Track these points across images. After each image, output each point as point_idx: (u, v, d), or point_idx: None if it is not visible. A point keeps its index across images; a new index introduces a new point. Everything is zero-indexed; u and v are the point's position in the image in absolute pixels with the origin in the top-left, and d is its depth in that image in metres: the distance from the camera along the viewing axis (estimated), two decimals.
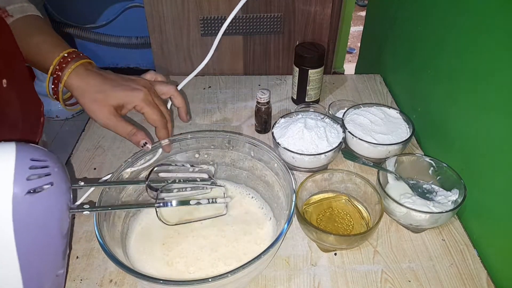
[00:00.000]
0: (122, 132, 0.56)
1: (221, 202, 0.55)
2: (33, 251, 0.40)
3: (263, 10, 1.29)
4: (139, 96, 0.55)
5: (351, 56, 2.62)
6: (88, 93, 0.54)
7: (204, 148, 0.63)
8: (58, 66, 0.54)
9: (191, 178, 0.56)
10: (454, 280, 0.56)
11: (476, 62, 0.62)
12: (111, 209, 0.51)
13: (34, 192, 0.38)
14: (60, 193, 0.41)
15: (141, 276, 0.43)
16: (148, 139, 0.57)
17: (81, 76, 0.54)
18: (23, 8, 0.57)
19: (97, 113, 0.55)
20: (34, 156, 0.39)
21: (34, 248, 0.40)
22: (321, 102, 0.92)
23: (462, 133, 0.66)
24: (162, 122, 0.57)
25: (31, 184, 0.38)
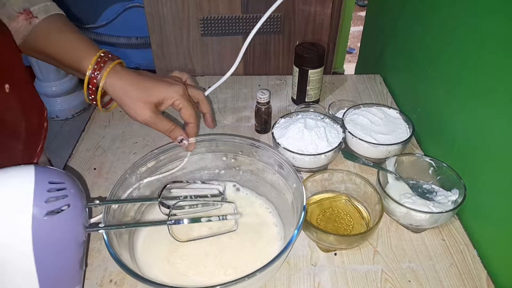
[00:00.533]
0: (162, 129, 0.57)
1: (231, 219, 0.55)
2: (51, 269, 0.41)
3: (263, 10, 1.29)
4: (179, 91, 0.55)
5: (351, 56, 2.62)
6: (129, 92, 0.54)
7: (231, 153, 0.63)
8: (96, 66, 0.53)
9: (202, 194, 0.57)
10: (454, 280, 0.56)
11: (476, 62, 0.62)
12: (125, 227, 0.53)
13: (52, 214, 0.39)
14: (76, 213, 0.42)
15: (142, 279, 0.43)
16: (185, 136, 0.57)
17: (120, 75, 0.54)
18: (47, 8, 0.56)
19: (138, 112, 0.54)
20: (52, 179, 0.41)
21: (52, 266, 0.42)
22: (321, 102, 0.92)
23: (462, 133, 0.66)
24: (197, 119, 0.58)
25: (50, 206, 0.39)
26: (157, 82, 0.55)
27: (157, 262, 0.54)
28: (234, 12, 1.29)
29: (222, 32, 1.33)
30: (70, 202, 0.41)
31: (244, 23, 1.31)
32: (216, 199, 0.58)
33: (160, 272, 0.53)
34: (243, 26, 1.32)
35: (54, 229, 0.40)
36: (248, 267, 0.53)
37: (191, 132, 0.59)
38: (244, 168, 0.64)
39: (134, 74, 0.55)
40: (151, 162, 0.59)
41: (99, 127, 0.84)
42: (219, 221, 0.54)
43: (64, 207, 0.41)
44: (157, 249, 0.56)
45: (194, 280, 0.52)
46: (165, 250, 0.55)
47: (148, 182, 0.60)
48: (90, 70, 0.52)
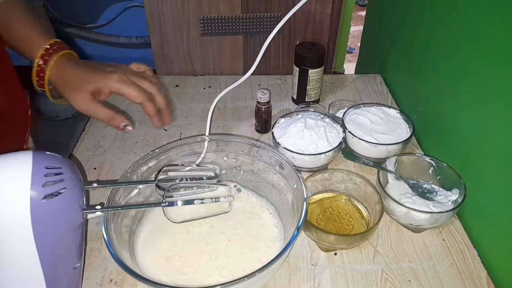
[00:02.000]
0: (102, 117, 0.56)
1: (224, 201, 0.56)
2: (51, 250, 0.44)
3: (263, 10, 1.29)
4: (113, 78, 0.55)
5: (351, 56, 2.62)
6: (66, 82, 0.55)
7: (232, 153, 0.63)
8: (41, 60, 0.54)
9: (197, 176, 0.58)
10: (454, 280, 0.56)
11: (476, 62, 0.62)
12: (121, 209, 0.53)
13: (50, 197, 0.41)
14: (73, 196, 0.44)
15: (142, 278, 0.43)
16: (128, 122, 0.56)
17: (61, 67, 0.55)
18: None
19: (76, 100, 0.54)
20: (49, 164, 0.43)
21: (53, 247, 0.44)
22: (321, 102, 0.92)
23: (462, 133, 0.66)
24: (144, 97, 0.56)
25: (47, 190, 0.41)
26: (94, 72, 0.55)
27: (157, 261, 0.54)
28: (234, 12, 1.29)
29: (222, 32, 1.33)
30: (67, 186, 0.43)
31: (244, 23, 1.31)
32: (211, 181, 0.58)
33: (160, 272, 0.53)
34: (243, 26, 1.32)
35: (52, 211, 0.42)
36: (247, 268, 0.53)
37: (148, 110, 0.56)
38: (245, 168, 0.64)
39: (75, 65, 0.56)
40: (151, 162, 0.59)
41: (99, 127, 0.84)
42: (214, 205, 0.55)
43: (62, 190, 0.42)
44: (157, 249, 0.56)
45: (194, 279, 0.52)
46: (165, 250, 0.56)
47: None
48: (37, 61, 0.54)
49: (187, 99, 0.93)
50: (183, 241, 0.57)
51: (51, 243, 0.43)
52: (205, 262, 0.54)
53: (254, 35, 1.35)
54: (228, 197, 0.57)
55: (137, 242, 0.56)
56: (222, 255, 0.55)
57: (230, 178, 0.66)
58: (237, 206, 0.62)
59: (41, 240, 0.42)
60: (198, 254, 0.55)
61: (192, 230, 0.58)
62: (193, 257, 0.55)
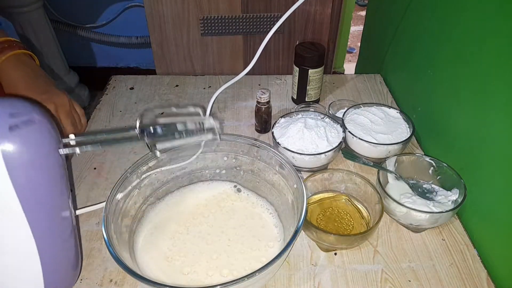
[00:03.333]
0: None
1: (208, 127, 0.52)
2: (30, 189, 0.41)
3: (263, 10, 1.29)
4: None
5: (351, 56, 2.62)
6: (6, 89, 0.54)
7: (232, 152, 0.63)
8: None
9: (184, 112, 0.54)
10: (454, 280, 0.56)
11: (476, 62, 0.62)
12: (101, 146, 0.49)
13: (17, 128, 0.38)
14: (44, 130, 0.41)
15: (142, 278, 0.43)
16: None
17: (11, 68, 0.54)
18: None
19: None
20: (14, 109, 0.40)
21: (31, 186, 0.41)
22: (321, 101, 0.92)
23: (462, 133, 0.66)
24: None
25: (12, 122, 0.38)
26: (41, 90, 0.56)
27: (157, 261, 0.54)
28: (234, 12, 1.29)
29: (222, 32, 1.33)
30: (36, 121, 0.40)
31: (244, 23, 1.31)
32: (196, 117, 0.54)
33: (160, 272, 0.53)
34: (243, 26, 1.32)
35: (21, 144, 0.39)
36: (248, 267, 0.53)
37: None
38: (245, 168, 0.64)
39: (22, 75, 0.54)
40: (151, 162, 0.59)
41: (99, 126, 0.84)
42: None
43: (30, 123, 0.40)
44: (157, 249, 0.56)
45: (194, 279, 0.52)
46: (164, 250, 0.56)
47: (149, 181, 0.60)
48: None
49: (187, 99, 0.93)
50: (183, 241, 0.57)
51: (29, 183, 0.40)
52: (205, 261, 0.54)
53: (254, 35, 1.35)
54: (214, 125, 0.53)
55: (137, 242, 0.56)
56: (222, 255, 0.55)
57: (230, 178, 0.66)
58: (237, 206, 0.62)
59: (18, 180, 0.39)
60: (198, 254, 0.55)
61: (192, 230, 0.58)
62: (193, 257, 0.55)
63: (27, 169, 0.40)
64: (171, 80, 1.00)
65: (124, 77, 1.00)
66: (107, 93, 0.94)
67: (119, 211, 0.53)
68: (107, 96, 0.93)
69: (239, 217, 0.60)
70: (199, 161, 0.64)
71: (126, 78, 0.99)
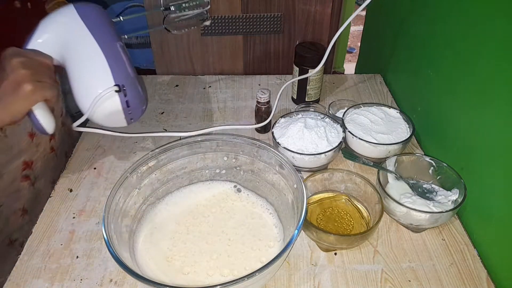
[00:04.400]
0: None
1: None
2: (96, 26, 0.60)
3: (263, 10, 1.29)
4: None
5: (351, 56, 2.62)
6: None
7: (232, 152, 0.63)
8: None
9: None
10: (454, 279, 0.56)
11: (476, 62, 0.62)
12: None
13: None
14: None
15: (141, 278, 0.43)
16: None
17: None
18: None
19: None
20: None
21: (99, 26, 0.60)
22: (321, 101, 0.92)
23: (462, 133, 0.66)
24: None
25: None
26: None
27: (157, 261, 0.54)
28: (234, 12, 1.29)
29: (222, 32, 1.33)
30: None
31: (244, 23, 1.31)
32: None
33: (160, 272, 0.53)
34: (243, 26, 1.32)
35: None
36: (248, 267, 0.53)
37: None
38: (245, 168, 0.64)
39: None
40: (151, 162, 0.59)
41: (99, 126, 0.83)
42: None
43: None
44: (157, 249, 0.56)
45: (193, 279, 0.52)
46: (165, 250, 0.56)
47: (149, 181, 0.60)
48: None
49: (187, 99, 0.93)
50: (183, 240, 0.57)
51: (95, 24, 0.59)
52: (206, 261, 0.54)
53: (254, 35, 1.35)
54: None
55: (137, 242, 0.56)
56: (222, 255, 0.55)
57: (230, 178, 0.66)
58: (237, 206, 0.62)
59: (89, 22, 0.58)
60: (199, 254, 0.55)
61: (192, 230, 0.58)
62: (193, 256, 0.55)
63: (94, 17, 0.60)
64: (171, 80, 1.00)
65: None
66: None
67: (119, 211, 0.53)
68: None
69: (239, 217, 0.60)
70: (199, 161, 0.64)
71: None
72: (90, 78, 0.58)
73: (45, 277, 0.55)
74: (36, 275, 0.56)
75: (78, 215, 0.64)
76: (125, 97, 0.58)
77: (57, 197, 0.68)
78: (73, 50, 0.59)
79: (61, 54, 0.59)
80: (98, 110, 0.58)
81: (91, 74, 0.58)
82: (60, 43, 0.59)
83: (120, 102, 0.58)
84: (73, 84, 0.59)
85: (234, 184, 0.65)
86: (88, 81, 0.58)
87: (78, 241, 0.60)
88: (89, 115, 0.59)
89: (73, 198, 0.67)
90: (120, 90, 0.57)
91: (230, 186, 0.65)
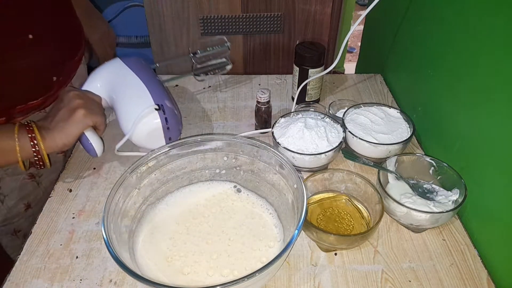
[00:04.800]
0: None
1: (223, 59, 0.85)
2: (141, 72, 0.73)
3: (263, 10, 1.29)
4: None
5: (352, 56, 2.62)
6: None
7: (233, 152, 0.63)
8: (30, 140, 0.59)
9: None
10: (454, 280, 0.55)
11: (476, 62, 0.62)
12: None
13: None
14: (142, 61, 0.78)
15: (141, 279, 0.43)
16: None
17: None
18: None
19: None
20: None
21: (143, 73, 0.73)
22: (321, 101, 0.91)
23: (463, 133, 0.66)
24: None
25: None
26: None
27: (157, 261, 0.54)
28: (234, 11, 1.29)
29: (222, 32, 1.33)
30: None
31: (244, 22, 1.31)
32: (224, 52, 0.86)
33: (160, 272, 0.53)
34: (243, 26, 1.32)
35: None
36: (248, 267, 0.53)
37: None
38: (245, 168, 0.64)
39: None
40: (151, 162, 0.59)
41: None
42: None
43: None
44: (157, 249, 0.56)
45: (193, 279, 0.52)
46: (164, 250, 0.55)
47: (149, 181, 0.60)
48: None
49: (187, 99, 0.93)
50: (183, 241, 0.57)
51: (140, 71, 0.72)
52: (206, 261, 0.54)
53: (254, 35, 1.35)
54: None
55: (137, 242, 0.56)
56: (222, 255, 0.55)
57: (230, 178, 0.66)
58: (237, 206, 0.62)
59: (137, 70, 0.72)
60: (198, 254, 0.55)
61: (192, 230, 0.58)
62: (193, 256, 0.55)
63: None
64: (171, 80, 0.99)
65: None
66: None
67: (119, 211, 0.53)
68: None
69: (239, 217, 0.60)
70: (199, 161, 0.64)
71: None
72: (133, 103, 0.67)
73: (45, 277, 0.55)
74: (36, 275, 0.56)
75: (77, 215, 0.64)
76: (164, 114, 0.66)
77: (57, 197, 0.68)
78: (119, 87, 0.70)
79: (109, 95, 0.71)
80: (140, 128, 0.66)
81: (134, 101, 0.67)
82: (109, 86, 0.71)
83: (160, 119, 0.66)
84: (119, 115, 0.69)
85: (234, 184, 0.65)
86: (132, 106, 0.67)
87: (78, 241, 0.60)
88: (130, 135, 0.67)
89: (72, 198, 0.67)
90: (160, 109, 0.66)
91: (230, 186, 0.65)
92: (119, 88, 0.70)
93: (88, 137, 0.66)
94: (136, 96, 0.68)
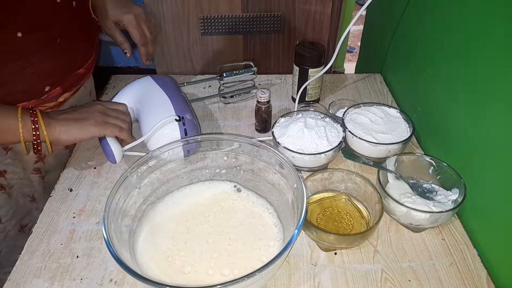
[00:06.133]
0: (116, 39, 0.79)
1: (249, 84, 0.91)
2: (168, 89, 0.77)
3: (263, 9, 1.29)
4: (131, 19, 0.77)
5: (351, 55, 2.62)
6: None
7: (232, 152, 0.63)
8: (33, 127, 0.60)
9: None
10: (454, 279, 0.56)
11: (476, 62, 0.62)
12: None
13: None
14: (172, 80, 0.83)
15: (142, 278, 0.43)
16: (130, 51, 0.82)
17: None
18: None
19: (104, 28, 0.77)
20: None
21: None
22: (321, 101, 0.92)
23: (462, 133, 0.66)
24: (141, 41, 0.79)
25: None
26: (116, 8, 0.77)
27: (157, 261, 0.54)
28: (234, 11, 1.29)
29: (222, 31, 1.33)
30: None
31: (244, 22, 1.31)
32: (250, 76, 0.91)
33: (160, 271, 0.53)
34: (243, 25, 1.32)
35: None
36: (249, 266, 0.53)
37: (141, 51, 0.82)
38: (245, 167, 0.64)
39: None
40: (151, 161, 0.59)
41: None
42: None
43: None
44: (157, 248, 0.56)
45: (194, 279, 0.52)
46: (165, 249, 0.56)
47: (149, 181, 0.60)
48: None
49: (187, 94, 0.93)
50: (184, 240, 0.57)
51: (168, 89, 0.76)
52: (206, 261, 0.54)
53: (254, 35, 1.35)
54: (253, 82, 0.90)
55: (138, 241, 0.56)
56: (223, 254, 0.55)
57: (230, 177, 0.66)
58: (237, 206, 0.62)
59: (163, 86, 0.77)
60: (199, 253, 0.55)
61: (192, 229, 0.58)
62: (193, 256, 0.55)
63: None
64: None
65: (124, 77, 1.00)
66: (107, 93, 0.95)
67: (119, 211, 0.53)
68: (107, 95, 0.93)
69: (239, 216, 0.60)
70: (199, 161, 0.64)
71: (126, 78, 0.99)
72: (156, 113, 0.70)
73: (45, 276, 0.55)
74: (36, 275, 0.56)
75: (78, 214, 0.64)
76: (184, 126, 0.68)
77: (57, 196, 0.68)
78: (145, 100, 0.75)
79: (136, 108, 0.76)
80: (158, 136, 0.68)
81: (157, 111, 0.71)
82: (136, 99, 0.76)
83: (179, 129, 0.68)
84: (142, 125, 0.72)
85: (234, 184, 0.65)
86: (154, 116, 0.69)
87: (78, 240, 0.60)
88: (147, 139, 0.69)
89: (73, 197, 0.67)
90: (180, 120, 0.69)
91: (230, 186, 0.65)
92: (145, 101, 0.74)
93: (109, 143, 0.67)
94: (160, 107, 0.71)
